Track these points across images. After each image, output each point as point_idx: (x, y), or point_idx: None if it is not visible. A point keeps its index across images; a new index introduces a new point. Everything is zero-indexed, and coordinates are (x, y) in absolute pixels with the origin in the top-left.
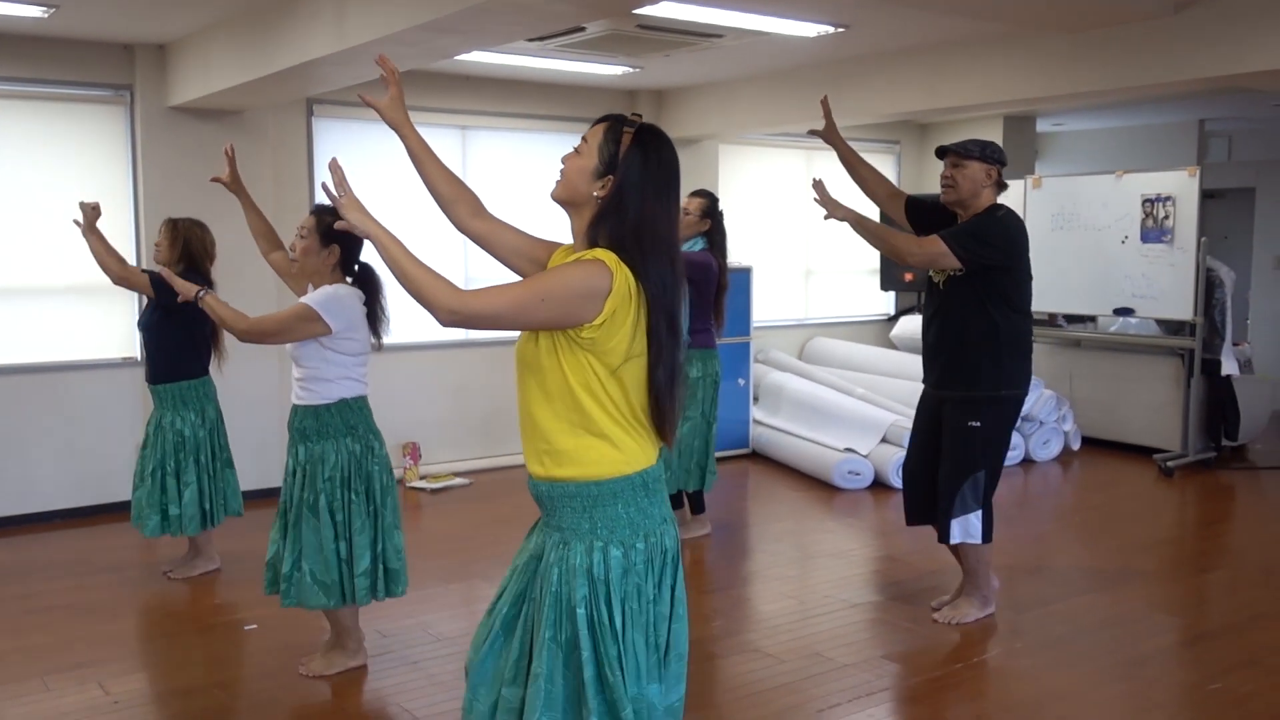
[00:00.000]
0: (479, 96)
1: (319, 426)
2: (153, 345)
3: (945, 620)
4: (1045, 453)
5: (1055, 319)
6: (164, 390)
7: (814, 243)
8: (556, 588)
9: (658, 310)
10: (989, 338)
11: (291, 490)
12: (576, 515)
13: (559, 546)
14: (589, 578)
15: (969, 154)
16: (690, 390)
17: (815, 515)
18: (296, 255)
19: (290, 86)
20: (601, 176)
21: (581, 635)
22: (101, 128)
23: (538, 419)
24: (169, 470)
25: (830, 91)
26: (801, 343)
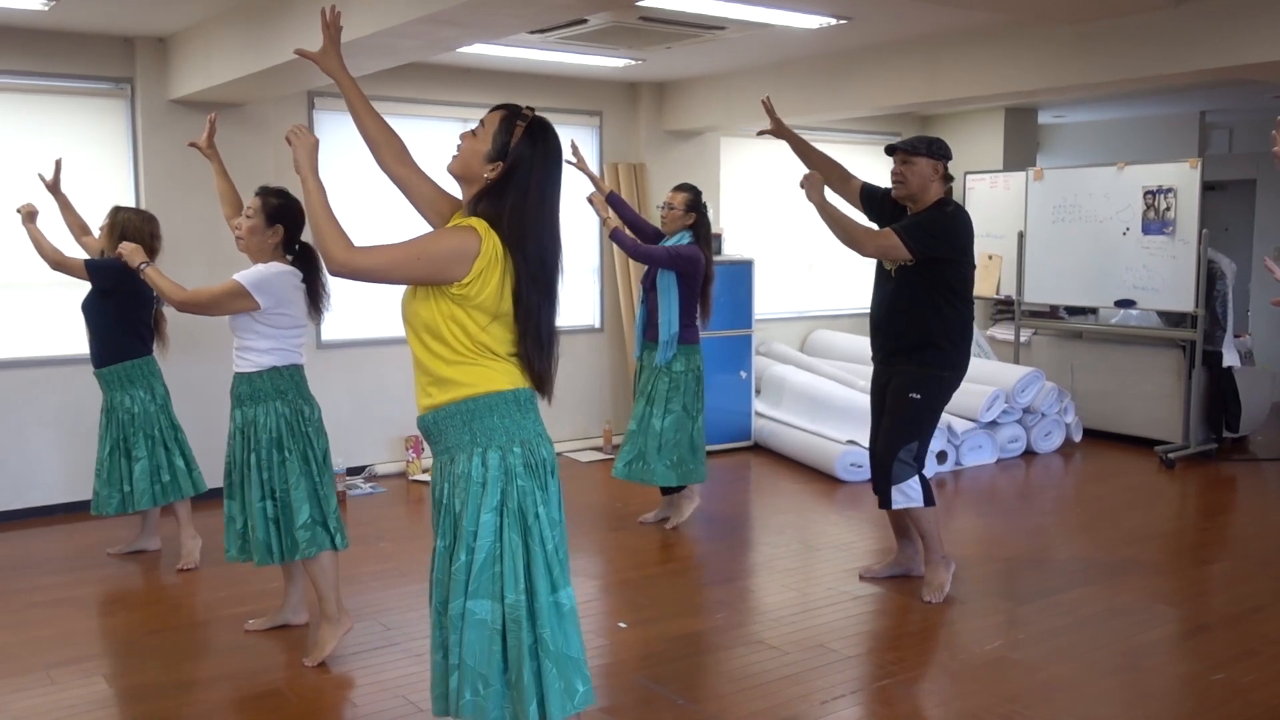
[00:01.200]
0: (480, 89)
1: (251, 391)
2: (94, 328)
3: (930, 599)
4: (1047, 444)
5: (1056, 311)
6: (109, 373)
7: (816, 235)
8: (446, 500)
9: (526, 278)
10: (934, 323)
11: (234, 452)
12: (458, 431)
13: (446, 465)
14: (469, 481)
15: (916, 151)
16: (673, 383)
17: (818, 507)
18: (243, 234)
19: (291, 79)
20: (492, 161)
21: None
22: (102, 121)
23: (420, 358)
24: (121, 449)
25: (830, 83)
26: (803, 335)
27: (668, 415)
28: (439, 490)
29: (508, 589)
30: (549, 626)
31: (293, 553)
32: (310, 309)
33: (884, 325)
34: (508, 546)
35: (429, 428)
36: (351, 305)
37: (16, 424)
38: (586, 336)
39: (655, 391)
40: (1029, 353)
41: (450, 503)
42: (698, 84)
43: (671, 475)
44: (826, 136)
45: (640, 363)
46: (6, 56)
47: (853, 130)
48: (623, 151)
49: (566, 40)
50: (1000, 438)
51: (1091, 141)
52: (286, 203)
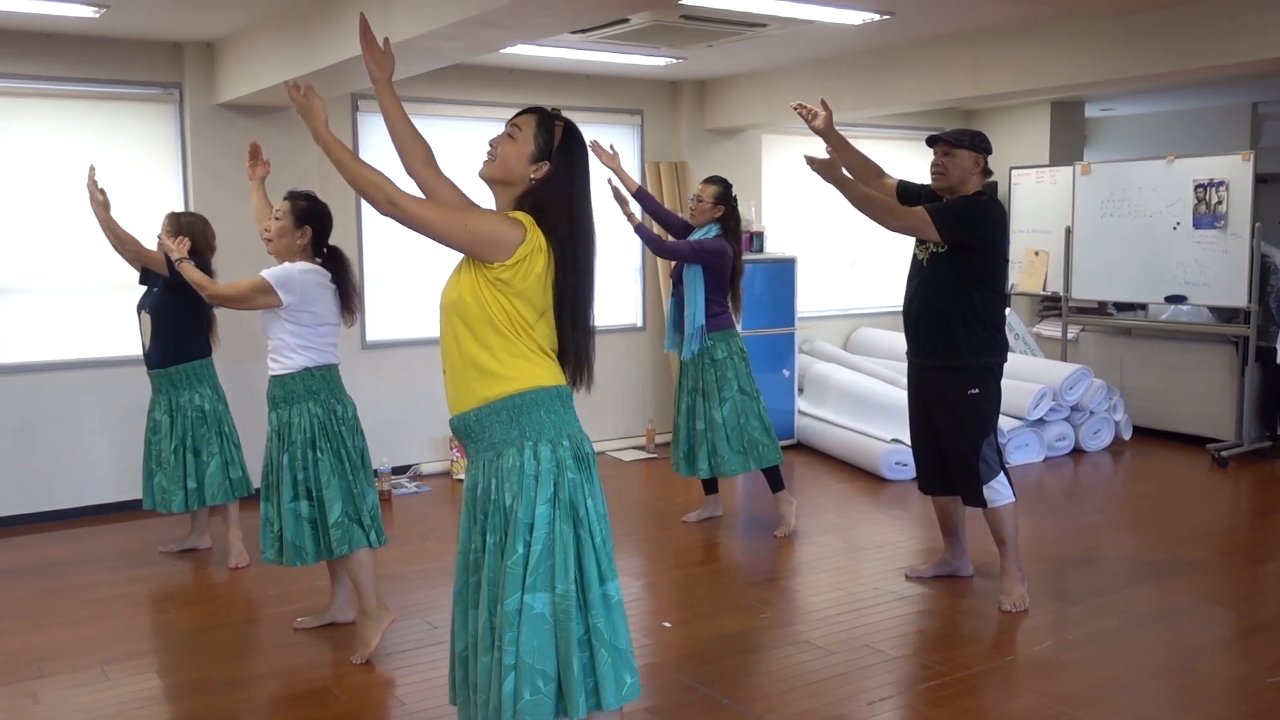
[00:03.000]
0: (521, 90)
1: (285, 393)
2: (165, 327)
3: (1009, 609)
4: (1095, 443)
5: (1105, 307)
6: (179, 372)
7: (858, 233)
8: (495, 495)
9: (571, 270)
10: (967, 313)
11: (271, 454)
12: (505, 427)
13: (491, 461)
14: (521, 474)
15: (959, 143)
16: (720, 371)
17: (862, 507)
18: (271, 235)
19: (335, 82)
20: (536, 161)
21: (511, 520)
22: (152, 125)
23: (469, 352)
24: (188, 446)
25: (873, 79)
26: (847, 333)
27: (724, 404)
28: (483, 487)
29: (558, 579)
30: (601, 617)
31: (328, 551)
32: (342, 310)
33: (917, 317)
34: (559, 538)
35: (470, 425)
36: (395, 306)
37: (72, 424)
38: (628, 335)
39: (704, 384)
40: (1077, 350)
41: (499, 498)
42: (739, 82)
43: (747, 461)
44: (869, 133)
45: (679, 359)
46: (59, 63)
47: (896, 126)
48: (664, 150)
49: (608, 40)
50: (1048, 436)
51: (1140, 134)
52: (314, 205)
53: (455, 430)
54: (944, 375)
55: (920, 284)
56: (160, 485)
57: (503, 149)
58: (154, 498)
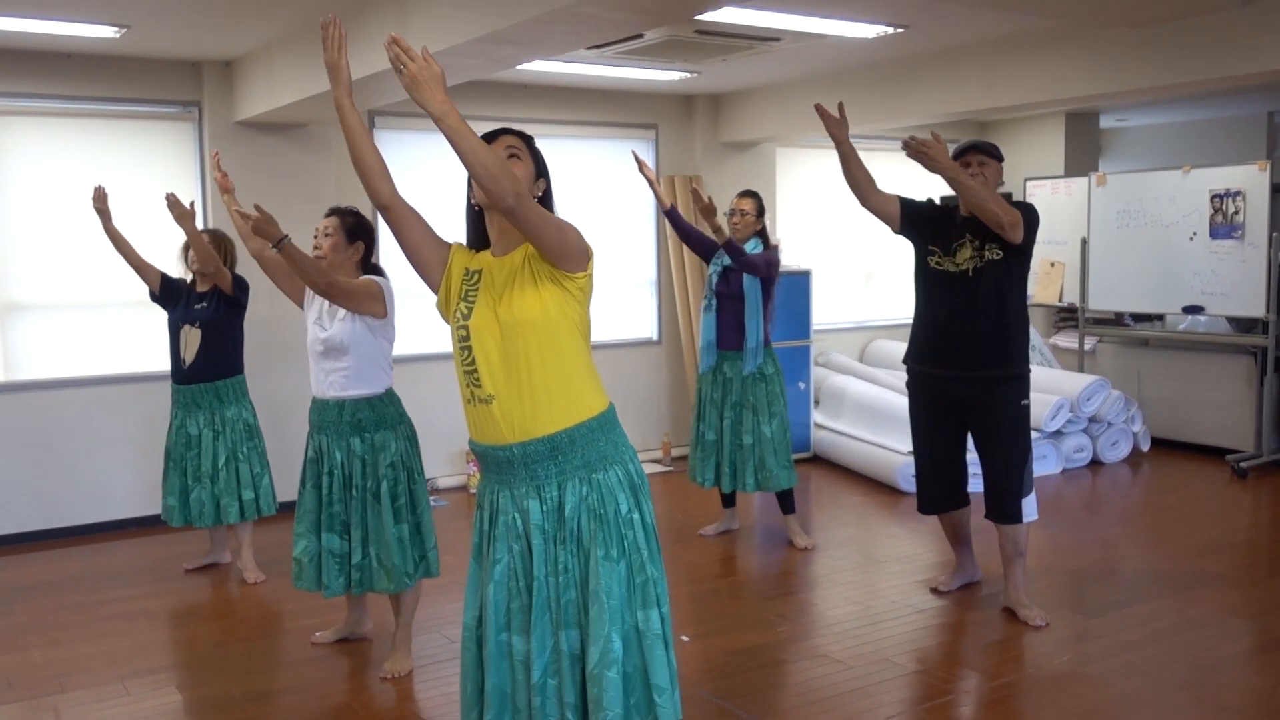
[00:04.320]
0: (535, 105)
1: (376, 417)
2: (217, 342)
3: (1039, 621)
4: (1114, 454)
5: (1122, 318)
6: (226, 386)
7: (873, 245)
8: (600, 509)
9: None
10: (1017, 318)
11: (344, 484)
12: (600, 444)
13: (582, 483)
14: (629, 488)
15: (991, 154)
16: (769, 388)
17: (879, 519)
18: (324, 253)
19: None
20: (536, 179)
21: (640, 538)
22: (171, 143)
23: (550, 368)
24: (241, 457)
25: (887, 92)
26: (862, 345)
27: (774, 419)
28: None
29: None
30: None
31: (425, 573)
32: None
33: (961, 329)
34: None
35: (560, 446)
36: (413, 321)
37: (91, 440)
38: (644, 349)
39: (755, 399)
40: (1094, 361)
41: (605, 510)
42: (753, 95)
43: (792, 476)
44: (883, 145)
45: (717, 374)
46: (79, 83)
47: None
48: (679, 164)
49: (623, 55)
50: (1065, 447)
51: (1156, 145)
52: (361, 220)
53: (517, 458)
54: (998, 386)
55: (965, 294)
56: (201, 500)
57: (516, 170)
58: (189, 512)
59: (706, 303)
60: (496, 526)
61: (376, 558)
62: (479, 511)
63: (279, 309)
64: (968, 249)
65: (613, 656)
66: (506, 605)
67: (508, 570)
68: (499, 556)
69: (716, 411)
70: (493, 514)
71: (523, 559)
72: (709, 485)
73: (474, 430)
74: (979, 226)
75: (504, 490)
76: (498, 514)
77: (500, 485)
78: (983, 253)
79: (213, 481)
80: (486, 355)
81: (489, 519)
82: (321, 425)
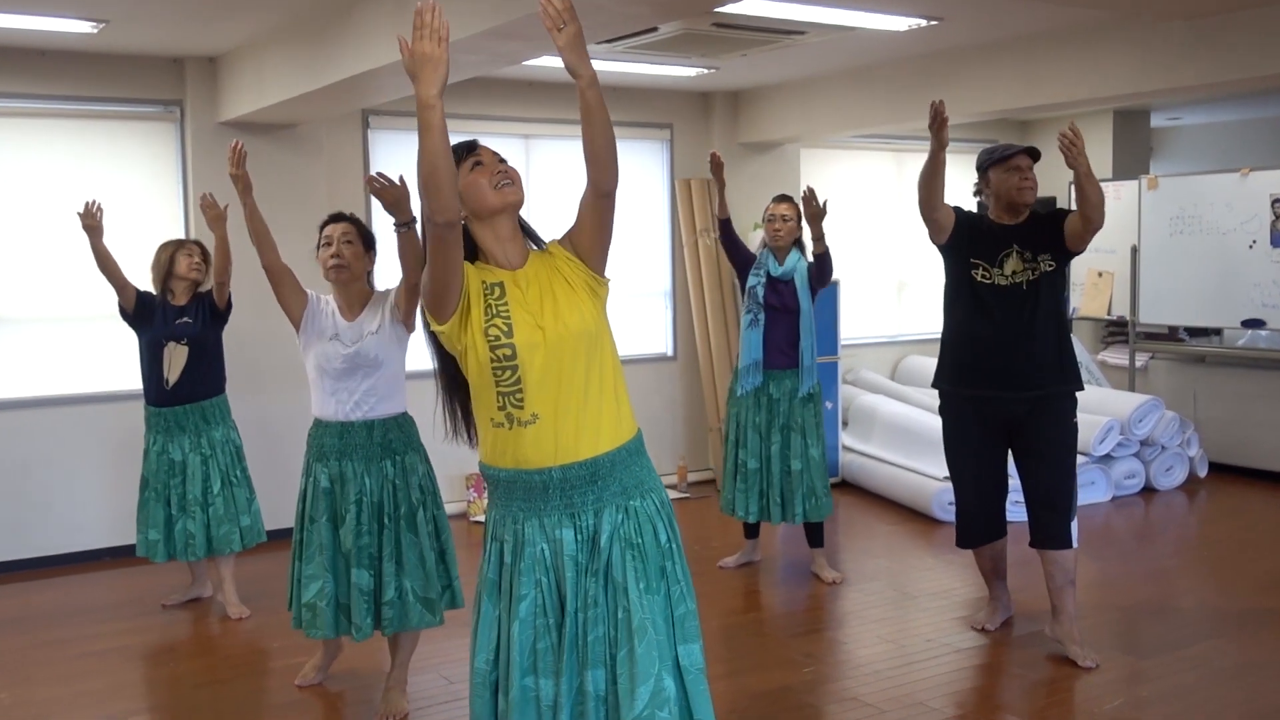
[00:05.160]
0: (542, 103)
1: (405, 438)
2: (205, 360)
3: (1089, 663)
4: (1168, 480)
5: (1176, 332)
6: (212, 406)
7: (906, 253)
8: (637, 539)
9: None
10: (1064, 336)
11: (374, 513)
12: (636, 469)
13: (618, 511)
14: (666, 516)
15: (1037, 158)
16: (815, 409)
17: (913, 550)
18: (345, 261)
19: (346, 98)
20: None
21: (678, 569)
22: (152, 145)
23: (605, 385)
24: (235, 481)
25: (920, 89)
26: (894, 361)
27: (820, 441)
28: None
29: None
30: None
31: (451, 603)
32: None
33: (1016, 347)
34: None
35: (601, 469)
36: None
37: (63, 464)
38: (657, 365)
39: (804, 420)
40: (1146, 379)
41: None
42: (775, 93)
43: (829, 504)
44: (915, 146)
45: (760, 396)
46: (53, 81)
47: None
48: (695, 167)
49: (635, 50)
50: (1115, 473)
51: (1212, 145)
52: (369, 229)
53: (554, 483)
54: (1054, 404)
55: (1018, 309)
56: (189, 531)
57: (518, 175)
58: (175, 546)
59: (751, 317)
60: (522, 559)
61: (412, 591)
62: (494, 544)
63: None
64: (1015, 260)
65: (665, 696)
66: (532, 645)
67: (534, 607)
68: (525, 592)
69: (759, 436)
70: (517, 545)
71: (552, 594)
72: (753, 518)
73: (498, 454)
74: (1028, 236)
75: (531, 519)
76: (523, 545)
77: (528, 513)
78: (1036, 264)
79: (204, 510)
80: (533, 373)
81: (513, 551)
82: (344, 450)
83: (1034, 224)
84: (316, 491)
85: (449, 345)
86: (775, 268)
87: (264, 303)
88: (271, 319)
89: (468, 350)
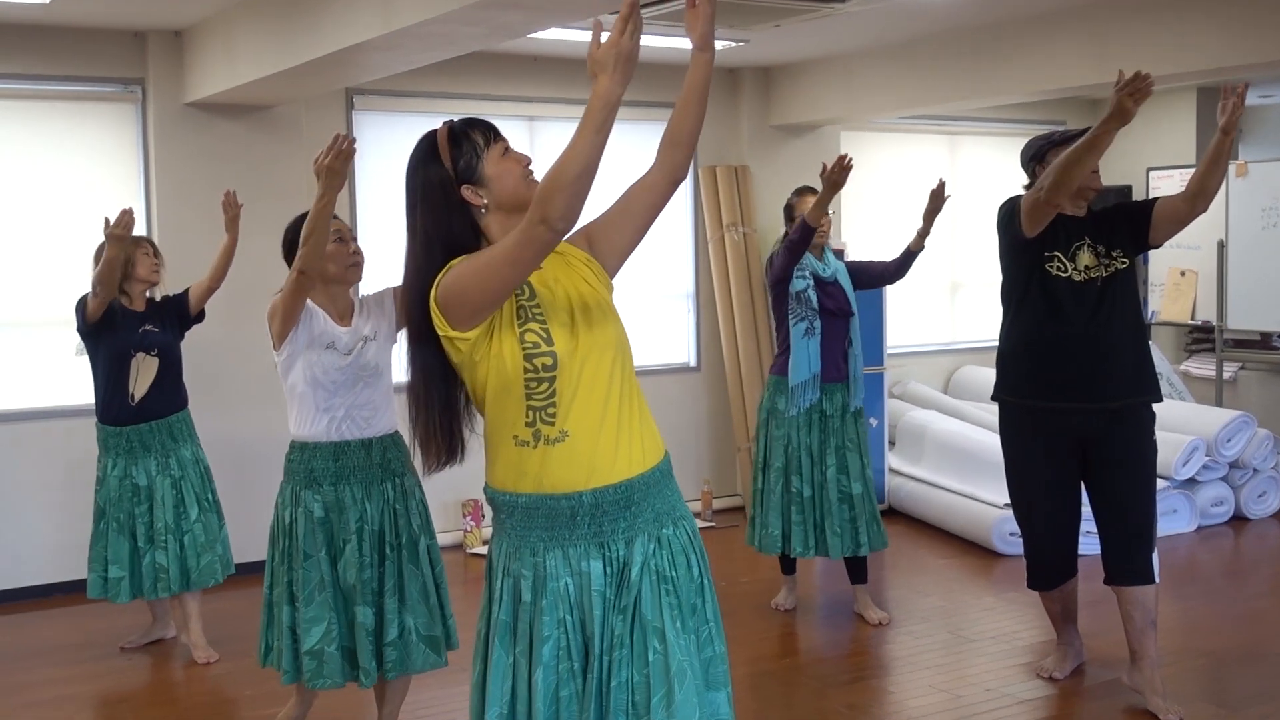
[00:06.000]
0: (548, 82)
1: (402, 457)
2: (176, 369)
3: (1172, 717)
4: (1260, 508)
5: (1269, 339)
6: (179, 421)
7: (962, 249)
8: (671, 573)
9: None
10: (1143, 339)
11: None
12: (668, 493)
13: (650, 540)
14: (695, 548)
15: None
16: (862, 427)
17: (970, 587)
18: (361, 260)
19: (329, 76)
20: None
21: (709, 608)
22: (110, 128)
23: (635, 398)
24: (207, 505)
25: (975, 64)
26: (947, 372)
27: (871, 463)
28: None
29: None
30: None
31: (449, 643)
32: None
33: (1094, 352)
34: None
35: (635, 492)
36: None
37: (6, 488)
38: (678, 377)
39: (860, 440)
40: (1235, 392)
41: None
42: (812, 68)
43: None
44: (971, 128)
45: (812, 414)
46: (4, 59)
47: (1004, 120)
48: (721, 152)
49: (652, 20)
50: (1201, 499)
51: None
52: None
53: (583, 508)
54: (1133, 418)
55: (1094, 309)
56: (158, 565)
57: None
58: (142, 583)
59: (806, 325)
60: (543, 596)
61: (415, 629)
62: (506, 580)
63: (235, 332)
64: (1087, 254)
65: None
66: (555, 693)
67: (558, 650)
68: (548, 633)
69: (812, 460)
70: (537, 581)
71: (576, 634)
72: (811, 554)
73: (517, 477)
74: (1099, 228)
75: (554, 550)
76: (544, 580)
77: (549, 544)
78: (1110, 259)
79: (178, 539)
80: (570, 385)
81: (532, 587)
82: (340, 473)
83: (1104, 216)
84: (310, 523)
85: (458, 355)
86: (823, 268)
87: (229, 309)
88: (238, 327)
89: (488, 360)
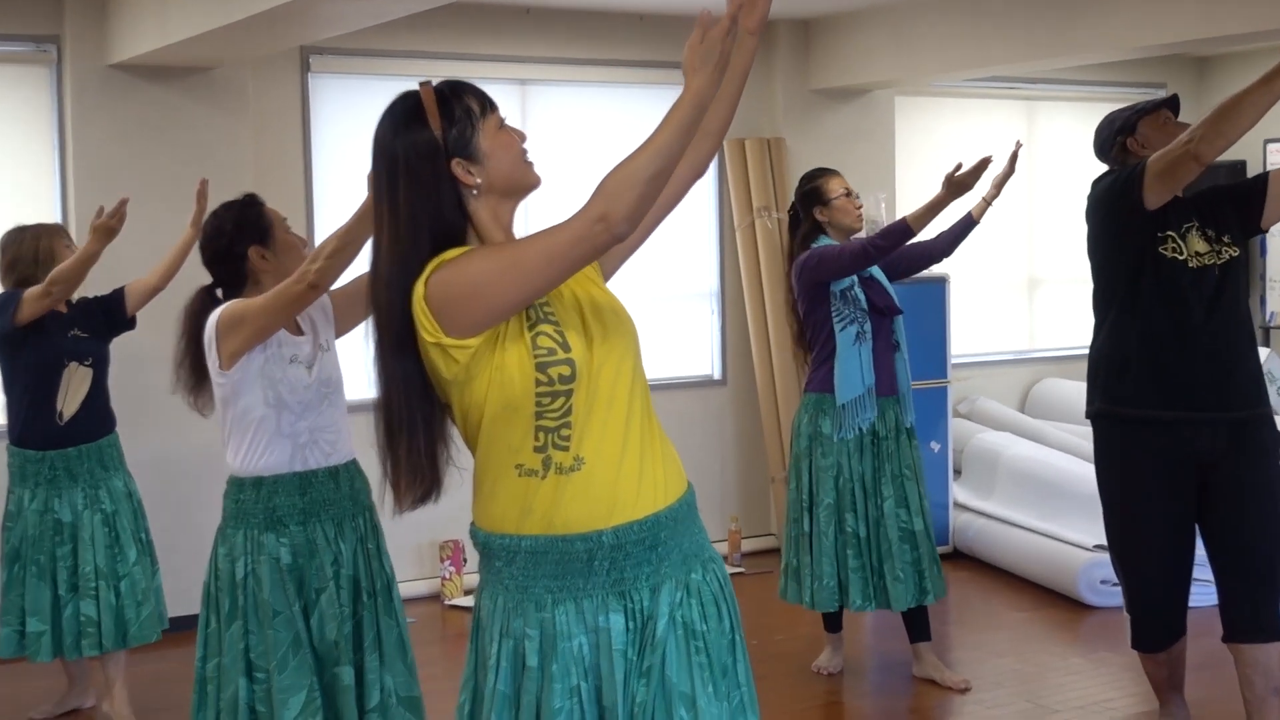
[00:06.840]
0: (543, 38)
1: (366, 487)
2: (105, 383)
3: None
4: None
5: None
6: (109, 445)
7: (1041, 237)
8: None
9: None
10: (1255, 340)
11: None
12: (694, 530)
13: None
14: (727, 598)
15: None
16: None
17: (1052, 646)
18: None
19: (281, 32)
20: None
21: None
22: (21, 93)
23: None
24: (142, 545)
25: (1055, 18)
26: (1025, 387)
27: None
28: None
29: None
30: None
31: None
32: None
33: (1211, 350)
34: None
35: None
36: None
37: None
38: (700, 393)
39: (915, 466)
40: None
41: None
42: (859, 22)
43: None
44: (1052, 93)
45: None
46: None
47: (1092, 82)
48: (751, 122)
49: None
50: None
51: None
52: None
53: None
54: (1257, 435)
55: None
56: (86, 618)
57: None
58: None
59: (857, 329)
60: (553, 661)
61: (395, 692)
62: (505, 642)
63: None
64: (1197, 239)
65: None
66: None
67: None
68: (558, 705)
69: (865, 492)
70: (545, 642)
71: (593, 705)
72: (871, 607)
73: (519, 515)
74: (1206, 209)
75: (565, 603)
76: (553, 641)
77: (559, 596)
78: (1221, 245)
79: (111, 586)
80: (586, 401)
81: (539, 651)
82: (309, 510)
83: (1206, 197)
84: (277, 573)
85: (451, 368)
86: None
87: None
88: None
89: (489, 373)
